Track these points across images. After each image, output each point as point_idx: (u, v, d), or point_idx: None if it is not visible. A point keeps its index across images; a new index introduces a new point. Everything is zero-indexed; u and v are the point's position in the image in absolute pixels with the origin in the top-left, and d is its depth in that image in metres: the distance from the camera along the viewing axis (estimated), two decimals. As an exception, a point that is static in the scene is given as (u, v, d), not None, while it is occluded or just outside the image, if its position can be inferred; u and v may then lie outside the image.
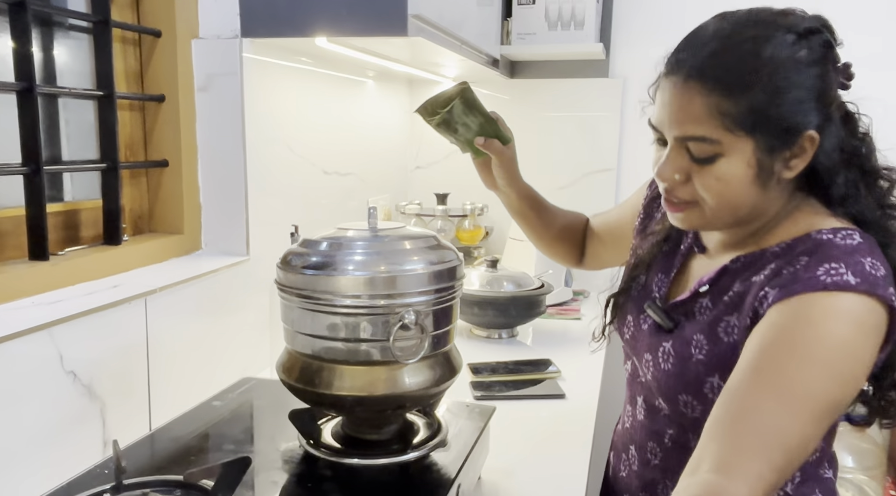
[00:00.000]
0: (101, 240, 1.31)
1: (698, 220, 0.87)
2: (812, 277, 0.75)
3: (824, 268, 0.76)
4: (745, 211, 0.85)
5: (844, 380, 0.72)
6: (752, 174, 0.82)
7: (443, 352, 1.03)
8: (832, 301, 0.74)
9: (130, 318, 1.16)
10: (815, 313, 0.74)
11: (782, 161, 0.82)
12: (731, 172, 0.81)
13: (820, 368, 0.71)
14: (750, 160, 0.81)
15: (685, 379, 0.86)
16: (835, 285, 0.74)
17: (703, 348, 0.86)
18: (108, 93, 1.28)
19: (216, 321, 1.38)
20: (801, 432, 0.70)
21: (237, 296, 1.44)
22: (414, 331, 0.96)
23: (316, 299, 0.96)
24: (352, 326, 0.95)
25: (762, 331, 0.76)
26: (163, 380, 1.23)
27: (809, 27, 0.81)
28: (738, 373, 0.74)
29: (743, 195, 0.83)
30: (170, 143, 1.41)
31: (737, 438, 0.69)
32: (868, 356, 0.75)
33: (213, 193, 1.45)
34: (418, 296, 0.97)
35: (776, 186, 0.85)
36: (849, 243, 0.79)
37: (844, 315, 0.73)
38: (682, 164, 0.84)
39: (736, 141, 0.80)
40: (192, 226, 1.44)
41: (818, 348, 0.72)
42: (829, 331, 0.73)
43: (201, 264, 1.37)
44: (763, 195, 0.84)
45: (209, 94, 1.42)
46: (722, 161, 0.81)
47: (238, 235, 1.45)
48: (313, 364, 0.98)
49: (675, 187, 0.86)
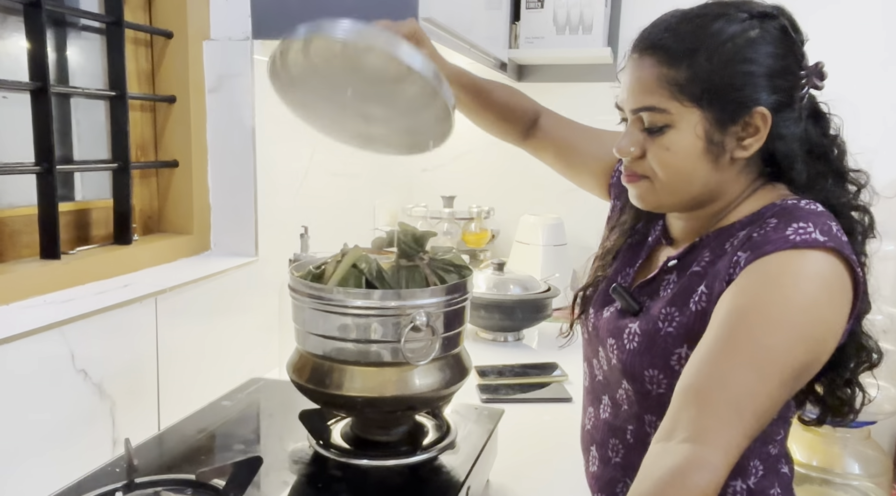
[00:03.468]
0: (111, 239, 1.32)
1: (652, 196, 0.88)
2: (781, 237, 0.77)
3: (793, 227, 0.77)
4: (698, 187, 0.86)
5: (812, 344, 0.74)
6: (702, 147, 0.83)
7: (453, 354, 1.04)
8: (801, 260, 0.75)
9: (141, 318, 1.17)
10: (784, 274, 0.75)
11: (734, 138, 0.83)
12: (680, 143, 0.83)
13: (788, 331, 0.72)
14: (699, 132, 0.82)
15: (652, 353, 0.86)
16: (804, 243, 0.75)
17: (672, 320, 0.86)
18: (121, 93, 1.29)
19: (225, 321, 1.39)
20: (770, 396, 0.72)
21: (246, 296, 1.45)
22: (425, 333, 0.96)
23: (328, 300, 0.97)
24: (363, 327, 0.96)
25: (732, 295, 0.77)
26: (172, 379, 1.24)
27: (764, 11, 0.83)
28: (708, 339, 0.75)
29: (693, 168, 0.84)
30: (180, 144, 1.42)
31: (710, 406, 0.70)
32: (835, 320, 0.75)
33: (223, 194, 1.46)
34: (429, 298, 0.98)
35: (731, 166, 0.85)
36: (814, 208, 0.81)
37: (813, 275, 0.74)
38: (637, 137, 0.86)
39: (685, 111, 0.82)
40: (201, 226, 1.45)
41: (787, 311, 0.73)
42: (797, 292, 0.74)
43: (210, 265, 1.37)
44: (716, 172, 0.85)
45: (220, 96, 1.43)
46: (672, 132, 0.83)
47: (247, 236, 1.46)
48: (324, 364, 0.99)
49: (632, 162, 0.88)
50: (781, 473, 0.90)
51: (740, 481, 0.87)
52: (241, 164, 1.44)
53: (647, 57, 0.84)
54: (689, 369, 0.74)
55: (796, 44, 0.84)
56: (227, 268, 1.37)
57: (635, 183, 0.89)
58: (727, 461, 0.68)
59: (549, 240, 2.22)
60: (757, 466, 0.87)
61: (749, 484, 0.87)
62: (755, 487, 0.87)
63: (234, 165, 1.44)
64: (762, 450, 0.87)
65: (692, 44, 0.82)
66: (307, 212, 1.68)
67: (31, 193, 1.15)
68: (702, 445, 0.69)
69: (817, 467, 1.73)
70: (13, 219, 1.14)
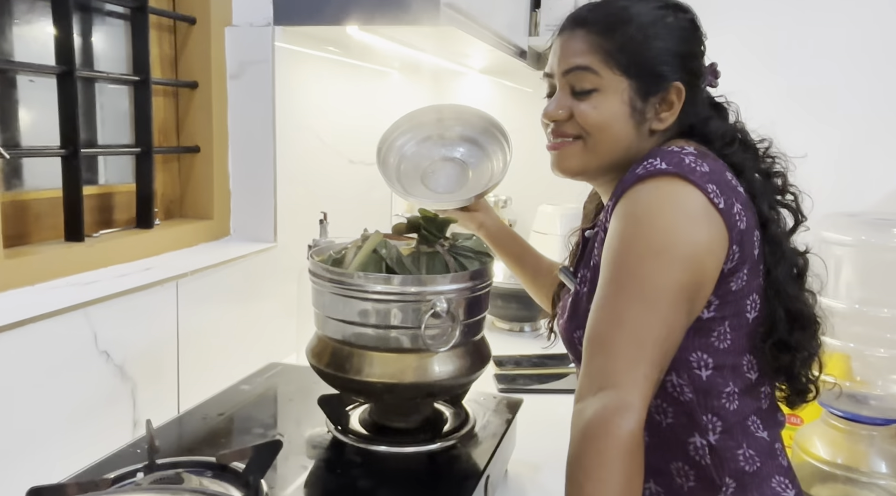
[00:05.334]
0: (133, 223, 1.32)
1: (577, 158, 0.92)
2: (631, 176, 0.83)
3: (643, 165, 0.83)
4: (622, 150, 0.90)
5: (687, 263, 0.78)
6: (627, 112, 0.89)
7: (473, 341, 1.04)
8: (646, 190, 0.80)
9: (162, 301, 1.17)
10: (636, 206, 0.80)
11: (653, 109, 0.89)
12: (607, 105, 0.89)
13: (657, 257, 0.77)
14: (624, 98, 0.89)
15: (577, 316, 0.91)
16: (647, 173, 0.81)
17: (586, 281, 0.92)
18: (144, 78, 1.29)
19: (244, 306, 1.39)
20: (665, 321, 0.76)
21: (264, 282, 1.45)
22: (445, 320, 0.96)
23: (348, 285, 0.97)
24: (383, 313, 0.96)
25: (607, 240, 0.83)
26: (192, 362, 1.25)
27: (677, 4, 0.92)
28: (598, 287, 0.81)
29: (619, 129, 0.89)
30: (202, 130, 1.42)
31: (613, 348, 0.75)
32: (702, 237, 0.79)
33: (243, 180, 1.46)
34: (450, 284, 0.98)
35: (650, 138, 0.91)
36: (677, 149, 0.84)
37: (660, 199, 0.80)
38: (565, 100, 0.91)
39: (613, 78, 0.88)
40: (221, 211, 1.45)
41: (650, 238, 0.78)
42: (652, 219, 0.79)
43: (230, 250, 1.38)
44: (637, 139, 0.90)
45: (241, 82, 1.43)
46: (599, 95, 0.89)
47: (266, 222, 1.46)
48: (343, 349, 0.99)
49: (560, 125, 0.93)
50: (754, 435, 0.87)
51: (698, 437, 0.85)
52: (261, 150, 1.44)
53: (578, 29, 0.91)
54: (589, 320, 0.80)
55: (701, 38, 0.92)
56: (247, 254, 1.38)
57: (565, 146, 0.93)
58: (642, 395, 0.73)
59: (567, 229, 2.20)
60: (714, 422, 0.85)
61: (709, 440, 0.85)
62: (716, 444, 0.85)
63: (255, 152, 1.44)
64: (711, 404, 0.86)
65: (621, 19, 0.89)
66: (326, 199, 1.68)
67: (57, 176, 1.16)
68: (615, 389, 0.73)
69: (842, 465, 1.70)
70: (39, 201, 1.15)
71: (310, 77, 1.59)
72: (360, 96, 1.87)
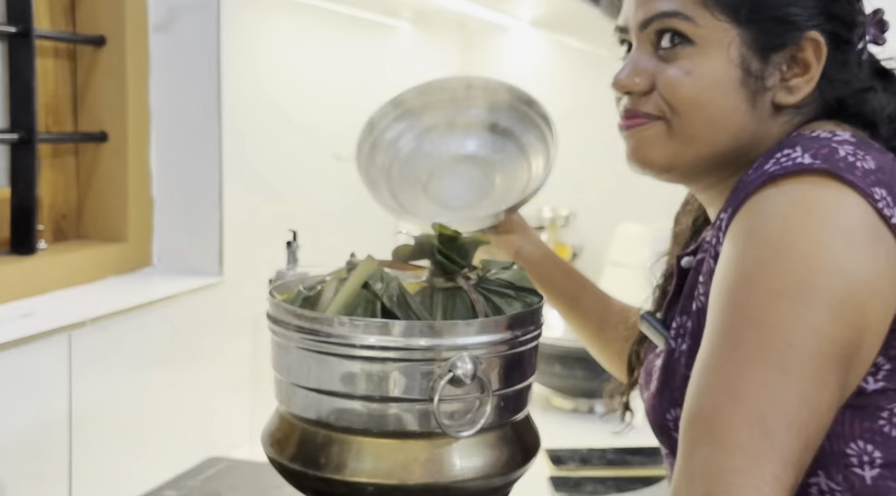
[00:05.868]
0: (6, 247, 1.33)
1: (661, 147, 0.93)
2: (756, 175, 0.82)
3: (775, 158, 0.82)
4: (728, 136, 0.91)
5: (837, 309, 0.76)
6: (737, 76, 0.90)
7: (513, 423, 1.04)
8: (781, 197, 0.80)
9: (46, 364, 1.18)
10: (766, 223, 0.79)
11: (778, 72, 0.90)
12: (707, 67, 0.90)
13: (794, 300, 0.76)
14: (732, 55, 0.89)
15: (671, 386, 0.91)
16: (782, 171, 0.80)
17: (685, 333, 0.91)
18: (24, 30, 1.31)
19: (172, 371, 1.40)
20: (805, 396, 0.74)
21: (203, 335, 1.46)
22: (469, 389, 0.96)
23: (325, 336, 0.97)
24: (377, 378, 0.96)
25: (718, 271, 0.82)
26: (90, 456, 1.24)
27: None
28: (704, 342, 0.80)
29: (723, 103, 0.90)
30: (111, 108, 1.44)
31: (726, 434, 0.74)
32: (865, 269, 0.77)
33: (172, 183, 1.47)
34: (478, 335, 0.98)
35: (773, 117, 0.91)
36: (827, 135, 0.85)
37: (802, 211, 0.78)
38: (646, 63, 0.93)
39: (715, 26, 0.89)
40: (139, 230, 1.46)
41: (784, 273, 0.77)
42: (789, 242, 0.77)
43: (152, 287, 1.39)
44: (752, 118, 0.91)
45: (170, 37, 1.45)
46: (694, 52, 0.90)
47: (207, 246, 1.47)
48: (318, 435, 0.99)
49: (636, 100, 0.94)
50: None
51: None
52: (199, 139, 1.45)
53: None
54: (691, 392, 0.79)
55: None
56: (177, 293, 1.38)
57: (640, 126, 0.94)
58: None
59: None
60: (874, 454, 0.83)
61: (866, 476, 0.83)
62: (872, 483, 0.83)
63: (191, 140, 1.46)
64: None
65: None
66: (297, 211, 1.69)
67: None
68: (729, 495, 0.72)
69: None
70: None
71: (276, 30, 1.60)
72: (351, 60, 1.89)
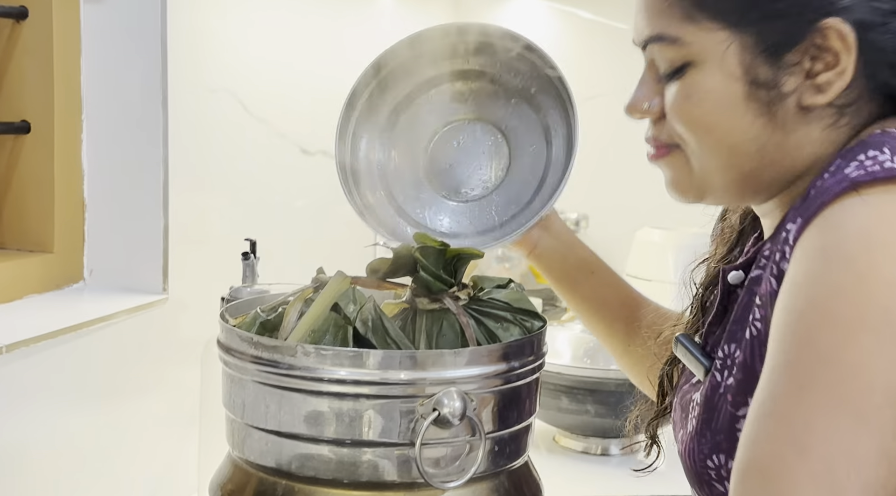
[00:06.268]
0: None
1: (686, 177, 0.96)
2: (838, 179, 0.80)
3: (858, 160, 0.81)
4: (749, 156, 0.92)
5: None
6: (740, 91, 0.90)
7: (509, 470, 1.04)
8: (865, 210, 0.78)
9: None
10: (845, 238, 0.78)
11: (798, 71, 0.89)
12: (704, 87, 0.91)
13: (875, 335, 0.74)
14: (731, 66, 0.90)
15: (714, 428, 0.91)
16: (868, 177, 0.79)
17: (733, 365, 0.91)
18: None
19: (105, 408, 1.39)
20: (883, 447, 0.73)
21: (144, 363, 1.45)
22: (458, 431, 0.96)
23: (287, 367, 0.97)
24: (349, 418, 0.96)
25: (784, 295, 0.81)
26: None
27: None
28: (764, 379, 0.79)
29: (731, 124, 0.91)
30: (34, 93, 1.43)
31: (791, 492, 0.73)
32: None
33: (108, 182, 1.46)
34: (468, 367, 0.98)
35: (805, 120, 0.90)
36: None
37: (889, 226, 0.77)
38: (653, 86, 0.96)
39: (707, 37, 0.90)
40: (68, 238, 1.46)
41: (866, 302, 0.75)
42: (875, 266, 0.76)
43: (83, 307, 1.38)
44: (776, 131, 0.91)
45: (105, 9, 1.44)
46: (692, 70, 0.92)
47: (149, 257, 1.46)
48: (278, 486, 0.99)
49: (654, 125, 0.97)
50: None
51: None
52: (142, 130, 1.44)
53: None
54: (745, 436, 0.78)
55: None
56: (112, 314, 1.37)
57: (664, 158, 0.97)
58: None
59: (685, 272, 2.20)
60: None
61: None
62: None
63: (130, 133, 1.45)
64: None
65: None
66: (256, 217, 1.68)
67: None
68: None
69: None
70: None
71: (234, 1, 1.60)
72: (323, 38, 1.88)
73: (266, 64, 1.70)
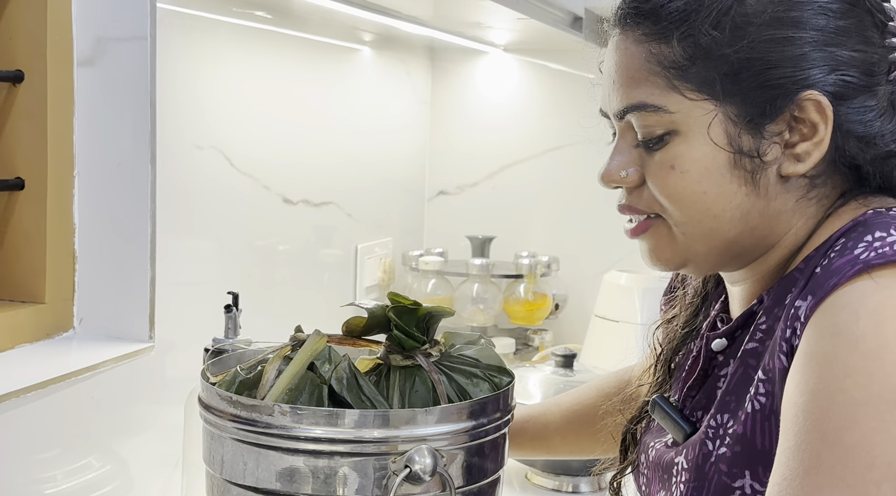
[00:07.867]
0: None
1: (669, 246, 0.95)
2: (848, 260, 0.81)
3: (866, 240, 0.82)
4: (732, 224, 0.92)
5: None
6: (725, 159, 0.90)
7: None
8: (879, 292, 0.78)
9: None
10: (858, 319, 0.77)
11: (778, 143, 0.90)
12: (691, 156, 0.91)
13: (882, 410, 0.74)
14: (716, 136, 0.90)
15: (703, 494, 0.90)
16: (881, 259, 0.79)
17: (725, 434, 0.90)
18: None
19: (93, 455, 1.38)
20: None
21: (132, 411, 1.44)
22: (430, 485, 0.96)
23: (264, 426, 0.96)
24: (324, 475, 0.96)
25: (796, 374, 0.80)
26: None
27: None
28: (780, 461, 0.78)
29: (716, 195, 0.91)
30: (28, 151, 1.43)
31: None
32: None
33: (98, 235, 1.46)
34: (438, 424, 0.98)
35: (784, 189, 0.91)
36: None
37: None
38: (630, 154, 0.95)
39: (692, 107, 0.90)
40: (59, 289, 1.45)
41: (870, 377, 0.75)
42: (882, 343, 0.76)
43: (72, 356, 1.37)
44: (758, 199, 0.91)
45: (98, 71, 1.44)
46: (676, 141, 0.91)
47: (136, 307, 1.45)
48: None
49: (630, 195, 0.96)
50: None
51: None
52: (131, 185, 1.44)
53: (628, 30, 0.93)
54: None
55: None
56: (101, 363, 1.36)
57: (645, 231, 0.96)
58: None
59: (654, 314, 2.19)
60: None
61: None
62: None
63: (120, 188, 1.44)
64: None
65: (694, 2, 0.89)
66: (241, 267, 1.68)
67: None
68: None
69: None
70: None
71: (218, 60, 1.60)
72: (305, 91, 1.88)
73: (251, 119, 1.70)
